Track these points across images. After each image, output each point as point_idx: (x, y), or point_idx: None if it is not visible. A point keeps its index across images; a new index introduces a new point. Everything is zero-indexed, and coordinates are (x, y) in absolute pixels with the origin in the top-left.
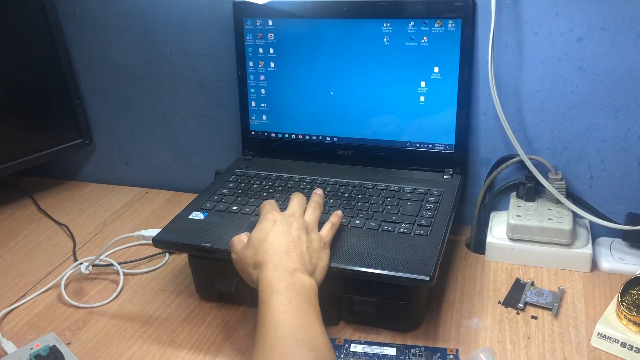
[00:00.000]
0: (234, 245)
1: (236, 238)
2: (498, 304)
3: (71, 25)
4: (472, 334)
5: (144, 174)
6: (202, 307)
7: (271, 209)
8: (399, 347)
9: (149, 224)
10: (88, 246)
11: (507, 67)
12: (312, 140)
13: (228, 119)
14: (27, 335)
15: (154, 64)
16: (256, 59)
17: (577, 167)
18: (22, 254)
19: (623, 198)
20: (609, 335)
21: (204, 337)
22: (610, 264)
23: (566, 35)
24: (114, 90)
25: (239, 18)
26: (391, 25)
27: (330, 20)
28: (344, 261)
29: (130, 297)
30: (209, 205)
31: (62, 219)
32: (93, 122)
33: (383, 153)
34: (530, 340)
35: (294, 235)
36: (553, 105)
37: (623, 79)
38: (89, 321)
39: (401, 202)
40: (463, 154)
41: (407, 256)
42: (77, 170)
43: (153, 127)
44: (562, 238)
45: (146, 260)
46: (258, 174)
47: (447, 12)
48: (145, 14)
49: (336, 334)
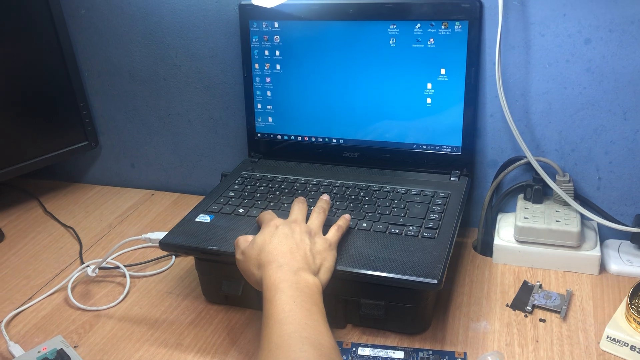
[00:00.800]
0: (239, 244)
1: (241, 238)
2: (506, 307)
3: (77, 28)
4: (480, 337)
5: (150, 176)
6: (208, 310)
7: (272, 217)
8: (406, 351)
9: (155, 226)
10: (94, 249)
11: (515, 68)
12: (318, 142)
13: (234, 121)
14: (34, 339)
15: (159, 66)
16: (262, 61)
17: (585, 169)
18: (28, 256)
19: (631, 200)
20: (618, 339)
21: (211, 340)
22: (619, 266)
23: (574, 37)
24: (120, 92)
25: (244, 20)
26: (397, 27)
27: (336, 22)
28: (351, 264)
29: (137, 299)
30: (215, 208)
31: (69, 222)
32: (99, 124)
33: (389, 155)
34: (538, 344)
35: (297, 238)
36: (561, 106)
37: (631, 80)
38: (96, 324)
39: (408, 205)
40: (470, 156)
41: (415, 259)
42: (83, 172)
43: (159, 129)
44: (570, 240)
45: (153, 263)
46: (264, 177)
47: (454, 14)
48: (150, 16)
49: (343, 337)
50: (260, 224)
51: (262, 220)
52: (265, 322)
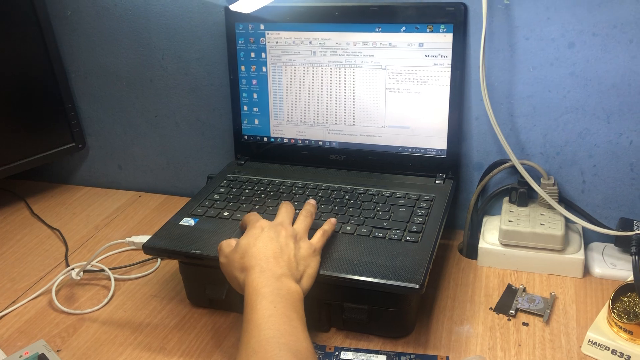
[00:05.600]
0: (222, 249)
1: (225, 242)
2: (489, 310)
3: (63, 29)
4: (463, 341)
5: (137, 177)
6: (193, 313)
7: (258, 218)
8: (389, 355)
9: (142, 229)
10: (80, 251)
11: (499, 72)
12: (304, 144)
13: (220, 123)
14: (17, 342)
15: (146, 68)
16: (248, 63)
17: (570, 173)
18: (14, 258)
19: (615, 203)
20: (599, 343)
21: (195, 344)
22: (603, 269)
23: (558, 41)
24: (107, 94)
25: (230, 22)
26: (383, 30)
27: (322, 24)
28: (334, 268)
29: (121, 303)
30: (200, 211)
31: (55, 223)
32: (86, 125)
33: (375, 158)
34: (521, 347)
35: (282, 242)
36: (545, 110)
37: (615, 84)
38: (80, 328)
39: (393, 208)
40: (455, 159)
41: (397, 263)
42: (70, 174)
43: (146, 131)
44: (554, 244)
45: (138, 266)
46: (250, 179)
47: (439, 17)
48: (137, 17)
49: (327, 340)
50: (246, 225)
51: (247, 221)
52: (245, 327)
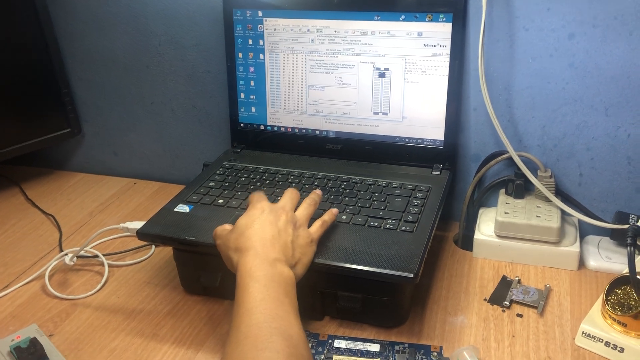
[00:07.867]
0: (217, 234)
1: (219, 227)
2: (484, 302)
3: (60, 14)
4: (456, 332)
5: (132, 164)
6: (186, 300)
7: (261, 199)
8: (382, 344)
9: (137, 215)
10: (74, 237)
11: (498, 62)
12: (301, 133)
13: (217, 110)
14: (9, 327)
15: (143, 54)
16: (245, 50)
17: (567, 165)
18: (7, 243)
19: (612, 196)
20: (593, 335)
21: (188, 331)
22: (598, 262)
23: (558, 32)
24: (103, 79)
25: (228, 9)
26: (381, 18)
27: (320, 12)
28: (328, 257)
29: (114, 289)
30: (195, 198)
31: (50, 209)
32: (82, 111)
33: (372, 147)
34: (514, 339)
35: (281, 226)
36: (544, 102)
37: (614, 76)
38: (73, 313)
39: (389, 198)
40: (452, 150)
41: (392, 253)
42: (66, 159)
43: (142, 117)
44: (550, 236)
45: (132, 252)
46: (246, 167)
47: (438, 6)
48: (134, 2)
49: (320, 329)
50: (248, 204)
51: (251, 199)
52: (236, 310)
